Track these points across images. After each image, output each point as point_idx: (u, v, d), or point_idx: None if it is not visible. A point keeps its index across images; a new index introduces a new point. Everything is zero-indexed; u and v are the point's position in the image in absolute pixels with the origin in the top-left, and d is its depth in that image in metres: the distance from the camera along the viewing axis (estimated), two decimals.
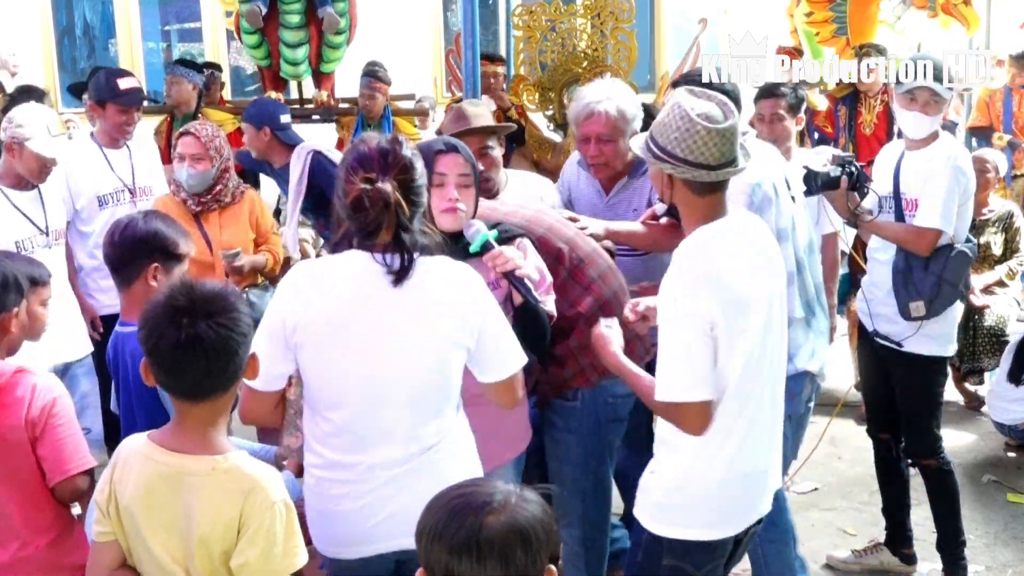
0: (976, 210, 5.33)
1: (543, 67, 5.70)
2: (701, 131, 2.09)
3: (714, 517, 2.24)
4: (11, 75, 8.63)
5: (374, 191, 1.98)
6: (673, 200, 2.22)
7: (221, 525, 1.81)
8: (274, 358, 2.05)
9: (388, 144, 2.05)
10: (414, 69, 9.73)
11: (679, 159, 2.12)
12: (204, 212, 3.88)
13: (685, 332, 2.12)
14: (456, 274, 2.13)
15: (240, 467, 1.85)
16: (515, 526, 1.45)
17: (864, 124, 6.27)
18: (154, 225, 2.64)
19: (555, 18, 5.74)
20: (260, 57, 5.65)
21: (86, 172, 4.14)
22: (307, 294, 2.05)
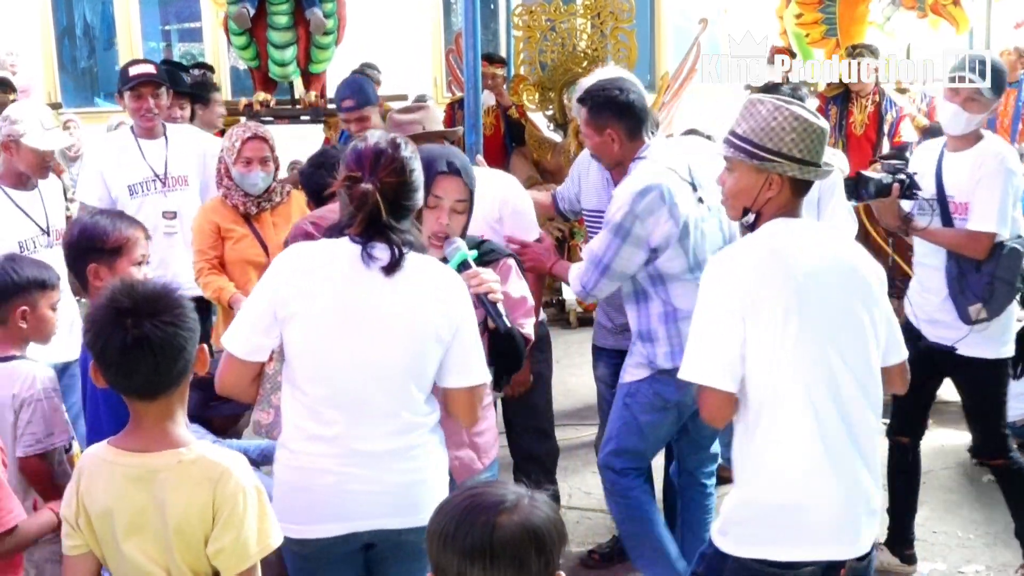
0: None
1: (543, 67, 5.71)
2: (818, 130, 2.18)
3: (779, 535, 2.15)
4: (11, 75, 8.64)
5: (356, 189, 2.08)
6: (766, 206, 2.23)
7: (195, 514, 1.83)
8: (260, 328, 2.11)
9: (385, 144, 2.13)
10: (414, 69, 9.72)
11: (798, 160, 2.17)
12: (257, 213, 3.81)
13: (709, 317, 2.17)
14: (444, 273, 2.21)
15: (206, 456, 1.87)
16: (529, 527, 1.44)
17: (855, 124, 6.27)
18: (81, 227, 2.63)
19: (555, 18, 5.74)
20: (249, 58, 5.65)
21: (119, 163, 4.18)
22: (300, 270, 2.11)
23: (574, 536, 3.90)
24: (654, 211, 2.91)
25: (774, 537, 2.16)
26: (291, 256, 2.17)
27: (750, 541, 2.18)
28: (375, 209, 2.07)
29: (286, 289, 2.10)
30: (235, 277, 3.77)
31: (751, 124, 2.20)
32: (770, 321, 2.12)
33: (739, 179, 2.24)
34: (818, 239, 2.26)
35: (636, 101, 3.08)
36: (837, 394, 2.16)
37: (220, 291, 3.69)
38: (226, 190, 3.77)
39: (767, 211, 2.23)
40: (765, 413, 2.15)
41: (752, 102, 2.24)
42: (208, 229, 3.76)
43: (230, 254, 3.77)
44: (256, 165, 3.70)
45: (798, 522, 2.15)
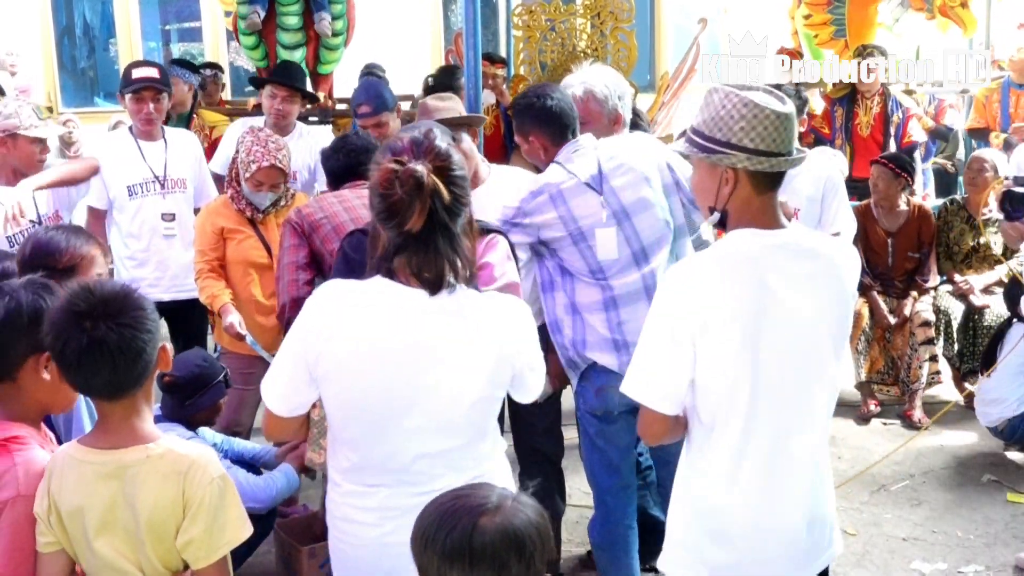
0: (976, 210, 5.35)
1: (543, 67, 5.71)
2: (770, 115, 1.93)
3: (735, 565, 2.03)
4: (11, 75, 8.64)
5: (405, 170, 1.81)
6: (730, 204, 2.00)
7: (165, 507, 1.84)
8: (297, 385, 1.93)
9: (421, 135, 1.91)
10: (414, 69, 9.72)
11: (750, 150, 1.94)
12: (262, 218, 3.80)
13: (655, 338, 1.98)
14: (503, 311, 1.95)
15: (174, 449, 1.88)
16: (510, 531, 1.42)
17: (861, 126, 6.27)
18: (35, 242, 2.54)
19: (555, 18, 5.74)
20: (258, 58, 5.65)
21: (118, 162, 4.20)
22: (332, 322, 1.88)
23: (574, 536, 3.90)
24: (543, 212, 2.98)
25: (726, 563, 2.02)
26: (320, 305, 1.91)
27: (698, 567, 2.05)
28: (435, 191, 1.81)
29: (316, 346, 1.87)
30: (236, 278, 3.77)
31: (704, 115, 2.00)
32: (727, 341, 1.94)
33: (698, 176, 2.07)
34: (793, 249, 2.01)
35: (555, 107, 3.08)
36: (794, 415, 2.02)
37: (213, 298, 3.69)
38: (234, 192, 3.75)
39: (732, 209, 2.00)
40: (717, 431, 2.00)
41: (709, 91, 2.03)
42: (210, 230, 3.75)
43: (233, 254, 3.76)
44: (266, 188, 3.71)
45: (751, 547, 2.02)
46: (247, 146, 3.67)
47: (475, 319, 1.90)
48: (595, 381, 3.01)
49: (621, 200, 3.01)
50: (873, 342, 5.25)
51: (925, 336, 5.11)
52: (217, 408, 3.47)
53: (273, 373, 1.95)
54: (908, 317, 5.17)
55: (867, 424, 5.13)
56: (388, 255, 1.88)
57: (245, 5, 5.41)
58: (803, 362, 2.02)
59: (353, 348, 1.86)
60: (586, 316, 2.99)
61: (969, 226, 5.37)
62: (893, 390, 5.32)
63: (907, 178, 5.24)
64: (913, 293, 5.24)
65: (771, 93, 1.99)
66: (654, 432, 2.06)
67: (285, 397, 1.94)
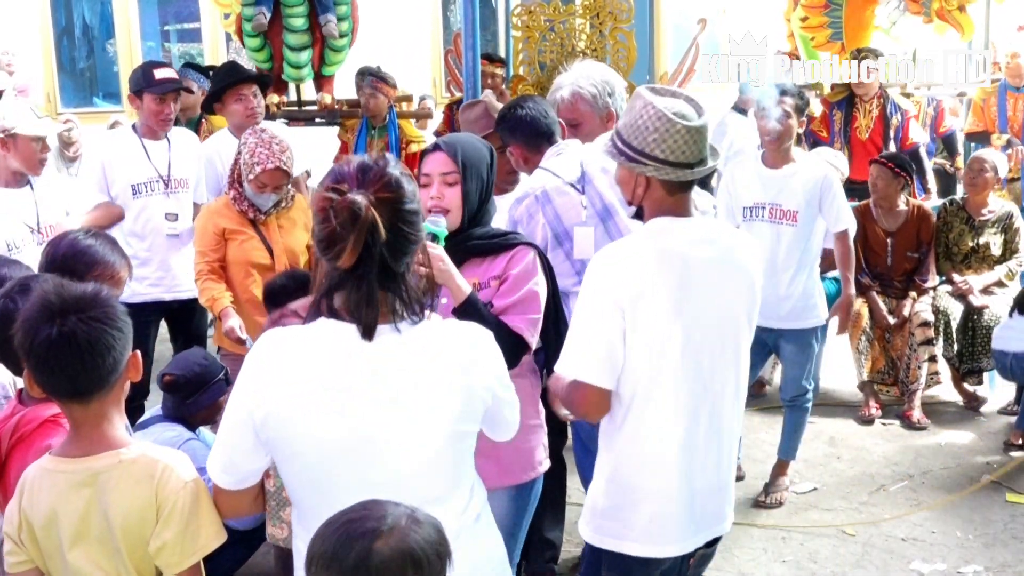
0: (975, 211, 5.36)
1: (542, 67, 5.70)
2: (681, 130, 2.05)
3: (642, 534, 2.15)
4: (8, 75, 8.64)
5: (341, 200, 1.62)
6: (644, 201, 2.17)
7: (138, 512, 1.82)
8: (244, 453, 1.72)
9: (371, 160, 1.72)
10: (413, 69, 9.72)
11: (660, 160, 2.07)
12: (264, 219, 3.79)
13: (590, 316, 2.09)
14: (457, 347, 1.74)
15: (147, 454, 1.87)
16: (405, 551, 1.42)
17: (860, 129, 6.27)
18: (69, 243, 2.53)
19: (554, 18, 5.74)
20: (262, 60, 5.64)
21: (122, 161, 4.21)
22: (274, 379, 1.67)
23: (573, 536, 3.90)
24: (531, 215, 3.00)
25: (642, 532, 2.14)
26: (259, 361, 1.70)
27: (619, 535, 2.16)
28: (372, 227, 1.61)
29: (261, 409, 1.67)
30: (238, 278, 3.76)
31: (626, 119, 2.13)
32: (650, 318, 2.07)
33: (618, 173, 2.20)
34: (704, 237, 2.17)
35: (525, 115, 3.11)
36: (707, 390, 2.15)
37: (214, 301, 3.68)
38: (236, 194, 3.74)
39: (647, 206, 2.16)
40: (636, 407, 2.12)
41: (635, 95, 2.13)
42: (212, 231, 3.74)
43: (234, 255, 3.75)
44: (269, 190, 3.70)
45: (663, 515, 2.15)
46: (250, 148, 3.66)
47: (433, 352, 1.71)
48: None
49: (604, 200, 3.02)
50: (873, 342, 5.25)
51: (924, 336, 5.11)
52: (218, 407, 3.47)
53: (217, 444, 1.76)
54: (907, 317, 5.17)
55: (867, 425, 5.13)
56: (327, 290, 1.70)
57: (250, 7, 5.39)
58: (721, 338, 2.17)
59: (300, 404, 1.66)
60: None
61: (968, 227, 5.37)
62: (892, 390, 5.32)
63: (906, 177, 5.24)
64: (912, 293, 5.24)
65: (690, 102, 2.11)
66: (591, 406, 2.13)
67: (229, 468, 1.74)
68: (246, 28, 5.50)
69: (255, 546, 3.46)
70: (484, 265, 2.45)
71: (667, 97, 2.11)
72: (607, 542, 2.19)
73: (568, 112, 3.24)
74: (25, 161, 3.69)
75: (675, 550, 2.17)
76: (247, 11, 5.42)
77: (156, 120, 4.24)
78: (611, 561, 2.19)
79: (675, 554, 2.18)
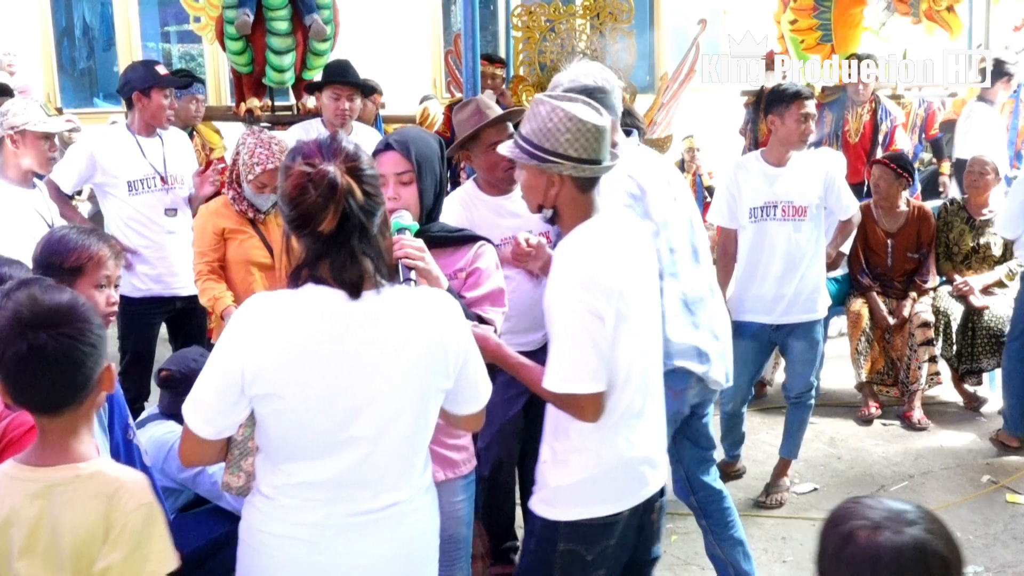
0: (976, 211, 5.36)
1: (543, 67, 5.70)
2: (592, 129, 2.23)
3: (607, 495, 2.33)
4: (9, 75, 8.64)
5: (317, 172, 1.78)
6: (556, 202, 2.30)
7: (88, 530, 1.78)
8: (226, 406, 1.82)
9: (327, 138, 1.87)
10: (413, 70, 9.73)
11: (574, 159, 2.23)
12: (263, 218, 3.81)
13: (576, 328, 2.20)
14: (432, 307, 1.92)
15: (104, 471, 1.83)
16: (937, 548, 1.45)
17: (850, 132, 6.28)
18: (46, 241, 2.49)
19: (555, 18, 5.74)
20: (243, 64, 5.55)
21: (118, 157, 4.23)
22: (266, 338, 1.79)
23: None
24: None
25: (602, 497, 2.32)
26: (251, 320, 1.82)
27: (581, 503, 2.32)
28: (349, 191, 1.78)
29: (252, 365, 1.78)
30: (238, 277, 3.76)
31: (532, 125, 2.26)
32: (612, 317, 2.22)
33: (527, 178, 2.32)
34: (624, 235, 2.36)
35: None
36: (647, 372, 2.37)
37: (215, 300, 3.69)
38: (235, 194, 3.75)
39: (562, 206, 2.30)
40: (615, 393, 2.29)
41: (535, 102, 2.29)
42: (211, 231, 3.74)
43: (234, 254, 3.76)
44: (269, 190, 3.71)
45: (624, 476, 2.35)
46: (249, 148, 3.67)
47: (412, 311, 1.88)
48: (675, 385, 2.98)
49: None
50: (873, 343, 5.25)
51: (924, 337, 5.11)
52: None
53: (197, 394, 1.84)
54: (907, 318, 5.17)
55: (867, 425, 5.13)
56: (309, 261, 1.83)
57: (232, 9, 5.35)
58: (655, 326, 2.41)
59: (291, 361, 1.79)
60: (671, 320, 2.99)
61: (969, 227, 5.37)
62: (892, 391, 5.32)
63: (908, 178, 5.25)
64: (912, 294, 5.24)
65: (589, 105, 2.28)
66: (595, 411, 2.23)
67: (212, 419, 1.83)
68: (228, 31, 5.41)
69: None
70: (446, 258, 2.47)
71: (570, 102, 2.27)
72: (572, 512, 2.31)
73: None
74: (34, 158, 3.70)
75: (624, 506, 2.35)
76: (229, 13, 5.36)
77: (162, 116, 4.28)
78: (569, 531, 2.32)
79: (624, 509, 2.35)
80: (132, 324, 4.28)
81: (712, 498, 3.25)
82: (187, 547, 3.17)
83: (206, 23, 6.01)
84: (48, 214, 3.76)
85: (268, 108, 5.70)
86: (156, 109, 4.25)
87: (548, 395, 2.26)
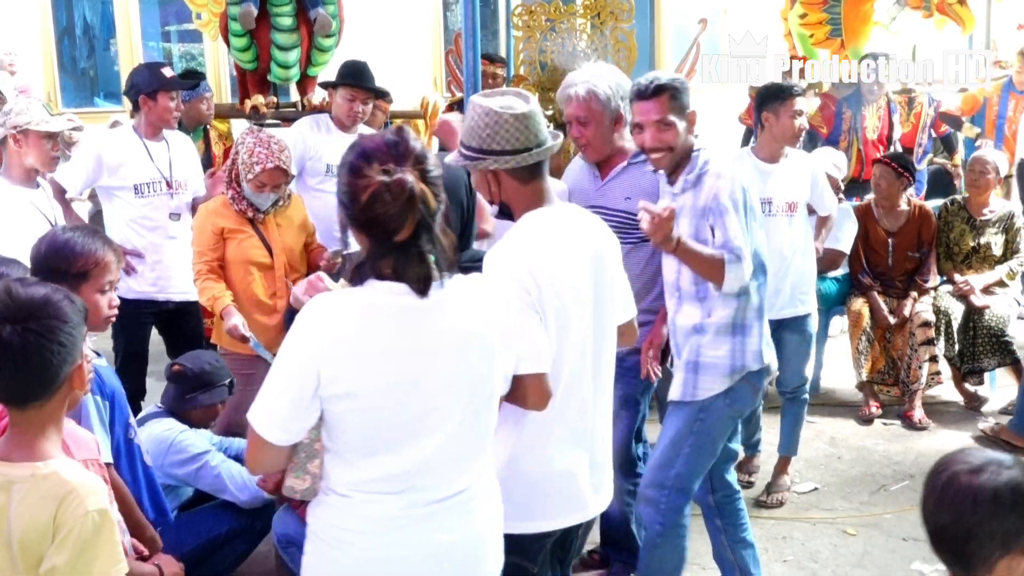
0: (976, 211, 5.36)
1: (543, 67, 5.69)
2: (509, 119, 2.21)
3: (539, 509, 2.30)
4: (10, 75, 8.64)
5: (395, 181, 1.77)
6: (502, 197, 2.30)
7: (36, 530, 1.80)
8: (299, 410, 1.82)
9: (394, 135, 1.85)
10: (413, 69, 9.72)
11: (497, 152, 2.22)
12: (262, 218, 3.80)
13: (521, 312, 2.14)
14: (486, 295, 1.97)
15: (59, 473, 1.83)
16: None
17: (868, 129, 6.27)
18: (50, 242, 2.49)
19: (555, 18, 5.73)
20: (247, 60, 5.55)
21: (126, 160, 4.22)
22: (336, 339, 1.81)
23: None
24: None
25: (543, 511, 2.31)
26: (320, 322, 1.82)
27: (526, 517, 2.27)
28: (424, 200, 1.79)
29: (328, 368, 1.79)
30: (237, 277, 3.76)
31: (464, 127, 2.27)
32: (552, 309, 2.21)
33: (474, 179, 2.35)
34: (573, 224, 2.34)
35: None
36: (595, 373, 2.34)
37: (215, 300, 3.68)
38: (234, 194, 3.74)
39: (509, 200, 2.30)
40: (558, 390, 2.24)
41: (468, 107, 2.28)
42: (209, 230, 3.74)
43: (234, 254, 3.75)
44: (269, 189, 3.70)
45: (561, 493, 2.32)
46: (248, 147, 3.66)
47: (471, 304, 1.91)
48: (758, 382, 3.04)
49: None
50: (874, 342, 5.25)
51: (925, 336, 5.11)
52: (214, 411, 3.48)
53: (268, 402, 1.84)
54: (908, 317, 5.17)
55: (868, 425, 5.13)
56: (373, 259, 1.84)
57: (236, 5, 5.35)
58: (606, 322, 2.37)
59: (364, 359, 1.81)
60: (756, 324, 3.01)
61: (969, 226, 5.37)
62: (893, 390, 5.31)
63: (909, 177, 5.24)
64: (913, 293, 5.24)
65: (519, 95, 2.27)
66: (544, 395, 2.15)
67: (286, 425, 1.83)
68: (232, 27, 5.40)
69: (255, 542, 3.46)
70: None
71: (495, 96, 2.25)
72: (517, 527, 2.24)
73: (581, 109, 3.23)
74: (37, 158, 3.70)
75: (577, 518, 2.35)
76: (233, 9, 5.36)
77: (169, 118, 4.28)
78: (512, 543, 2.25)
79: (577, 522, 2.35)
80: (124, 324, 4.26)
81: (730, 498, 3.24)
82: (189, 545, 3.20)
83: (208, 19, 5.99)
84: (51, 213, 3.76)
85: (273, 105, 5.70)
86: (162, 112, 4.24)
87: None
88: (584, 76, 3.31)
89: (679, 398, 3.02)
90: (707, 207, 2.91)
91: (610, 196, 3.34)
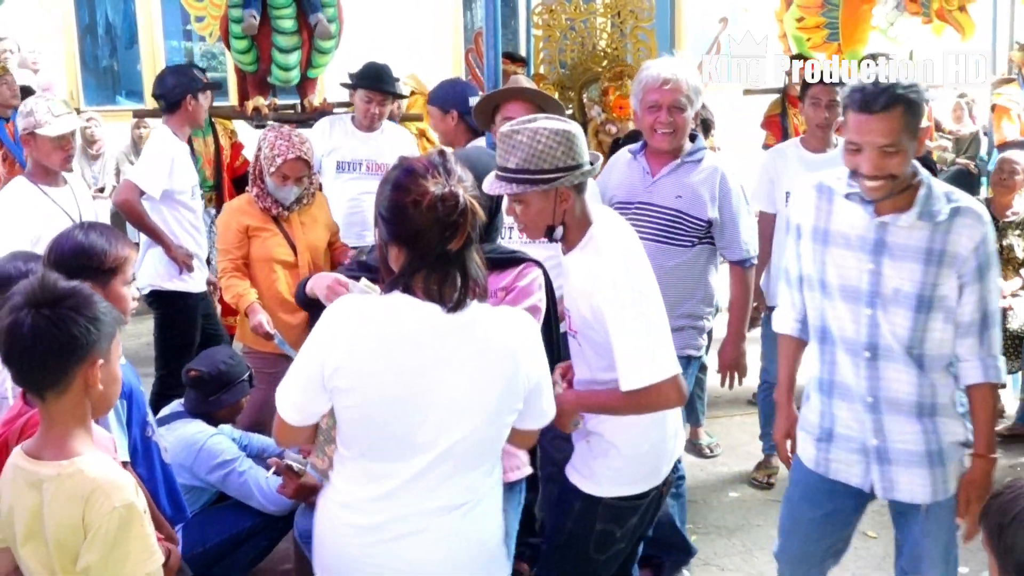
0: (1000, 211, 5.31)
1: (563, 66, 5.69)
2: (573, 136, 2.31)
3: (643, 472, 2.48)
4: (33, 73, 8.71)
5: (449, 192, 1.85)
6: (566, 216, 2.35)
7: (68, 528, 1.83)
8: (310, 396, 1.93)
9: (439, 155, 1.94)
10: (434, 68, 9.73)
11: (570, 168, 2.29)
12: (287, 215, 3.82)
13: (639, 319, 2.26)
14: (511, 328, 1.98)
15: (83, 471, 1.85)
16: None
17: None
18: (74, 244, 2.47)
19: (575, 17, 5.73)
20: (248, 63, 5.57)
21: (186, 165, 4.46)
22: (346, 336, 1.89)
23: None
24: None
25: (639, 475, 2.47)
26: (339, 319, 1.91)
27: (619, 482, 2.47)
28: (474, 214, 1.87)
29: (333, 360, 1.87)
30: (261, 275, 3.78)
31: (520, 155, 2.28)
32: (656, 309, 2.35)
33: (532, 206, 2.33)
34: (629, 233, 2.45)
35: None
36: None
37: (239, 298, 3.70)
38: (258, 191, 3.76)
39: (569, 219, 2.36)
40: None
41: (507, 135, 2.31)
42: (235, 228, 3.75)
43: (258, 252, 3.77)
44: (292, 182, 3.72)
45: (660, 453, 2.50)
46: (270, 142, 3.69)
47: (489, 332, 1.93)
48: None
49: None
50: None
51: None
52: (239, 407, 3.49)
53: (288, 382, 1.95)
54: None
55: None
56: (407, 272, 1.90)
57: (238, 8, 5.37)
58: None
59: (369, 361, 1.87)
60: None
61: (993, 228, 5.31)
62: None
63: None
64: None
65: (552, 119, 2.33)
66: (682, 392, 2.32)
67: (300, 406, 1.95)
68: (234, 30, 5.42)
69: (276, 539, 3.47)
70: (493, 277, 2.48)
71: (537, 120, 2.31)
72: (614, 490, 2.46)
73: (678, 96, 3.20)
74: (47, 159, 3.71)
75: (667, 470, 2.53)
76: (235, 12, 5.39)
77: (203, 118, 4.50)
78: (606, 511, 2.47)
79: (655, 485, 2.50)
80: (196, 316, 4.49)
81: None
82: (212, 540, 3.22)
83: (208, 23, 6.01)
84: (77, 211, 3.76)
85: (273, 107, 5.72)
86: (201, 112, 4.47)
87: (628, 401, 2.29)
88: (673, 65, 3.26)
89: (931, 499, 2.70)
90: (957, 255, 2.44)
91: (660, 193, 3.30)
